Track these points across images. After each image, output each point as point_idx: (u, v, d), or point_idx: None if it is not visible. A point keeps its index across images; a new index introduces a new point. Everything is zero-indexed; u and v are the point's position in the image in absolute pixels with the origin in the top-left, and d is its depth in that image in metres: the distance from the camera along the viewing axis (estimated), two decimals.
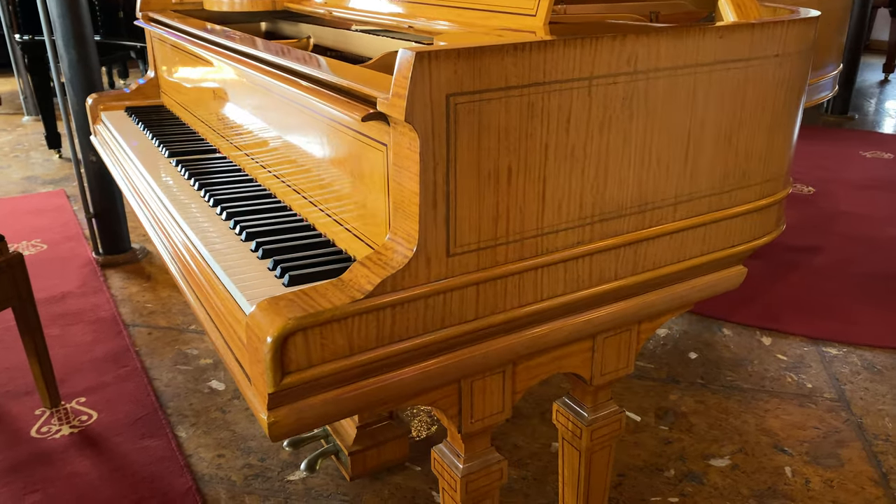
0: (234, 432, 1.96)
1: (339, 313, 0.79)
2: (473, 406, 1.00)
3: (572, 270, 0.96)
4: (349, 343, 0.82)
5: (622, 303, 1.05)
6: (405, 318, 0.85)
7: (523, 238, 0.90)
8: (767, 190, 1.12)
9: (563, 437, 1.22)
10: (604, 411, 1.17)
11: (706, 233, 1.07)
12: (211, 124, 1.63)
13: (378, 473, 1.79)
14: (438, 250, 0.84)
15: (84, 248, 3.16)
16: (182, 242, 1.16)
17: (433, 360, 0.91)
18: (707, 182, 1.04)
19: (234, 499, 1.72)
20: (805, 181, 3.96)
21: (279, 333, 0.77)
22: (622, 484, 1.76)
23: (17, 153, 4.76)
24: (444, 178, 0.81)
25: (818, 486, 1.75)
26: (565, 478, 1.25)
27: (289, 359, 0.79)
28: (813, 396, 2.10)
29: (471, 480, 1.05)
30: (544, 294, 0.95)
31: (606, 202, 0.96)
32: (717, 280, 1.14)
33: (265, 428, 0.82)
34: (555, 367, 1.06)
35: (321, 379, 0.82)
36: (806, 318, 2.51)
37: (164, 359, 2.31)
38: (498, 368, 0.99)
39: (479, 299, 0.89)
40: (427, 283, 0.85)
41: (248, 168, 1.42)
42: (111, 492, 1.74)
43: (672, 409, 2.04)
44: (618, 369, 1.13)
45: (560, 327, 1.00)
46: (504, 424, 1.98)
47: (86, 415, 2.03)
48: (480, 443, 1.06)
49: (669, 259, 1.05)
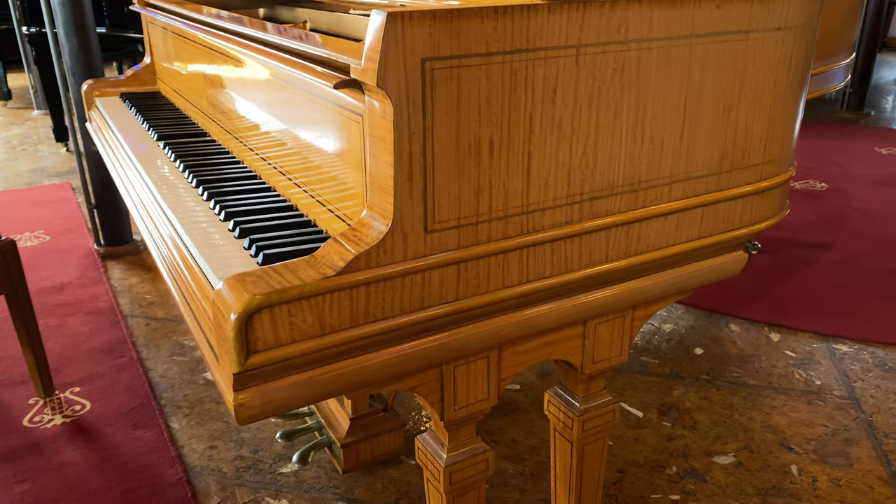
0: (227, 424, 1.93)
1: (308, 290, 0.75)
2: (456, 392, 0.95)
3: (560, 251, 0.92)
4: (320, 322, 0.78)
5: (614, 287, 1.01)
6: (380, 297, 0.81)
7: (507, 216, 0.86)
8: (769, 171, 1.07)
9: (554, 429, 1.18)
10: (596, 401, 1.13)
11: (703, 215, 1.03)
12: (202, 108, 1.60)
13: (372, 467, 1.76)
14: (416, 226, 0.80)
15: (86, 239, 3.15)
16: (159, 219, 1.12)
17: (412, 342, 0.87)
18: (704, 161, 0.99)
19: (224, 490, 1.69)
20: (818, 177, 3.88)
21: (244, 310, 0.73)
22: (622, 480, 1.71)
23: (26, 146, 4.76)
24: (420, 149, 0.77)
25: (825, 486, 1.70)
26: (557, 471, 1.20)
27: (255, 337, 0.75)
28: (822, 394, 2.04)
29: (455, 471, 1.01)
30: (530, 276, 0.91)
31: (596, 180, 0.91)
32: (715, 265, 1.10)
33: (231, 410, 0.78)
34: (544, 353, 1.02)
35: (291, 360, 0.78)
36: (816, 314, 2.45)
37: (160, 350, 2.29)
38: (482, 353, 0.95)
39: (461, 279, 0.85)
40: (404, 261, 0.81)
41: (236, 151, 1.39)
42: (100, 482, 1.71)
43: (675, 405, 1.99)
44: (611, 357, 1.08)
45: (548, 311, 0.96)
46: (501, 419, 1.93)
47: (79, 404, 2.01)
48: (465, 432, 1.02)
49: (664, 242, 1.00)
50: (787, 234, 3.13)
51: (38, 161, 4.41)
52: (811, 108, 5.53)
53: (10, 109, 5.92)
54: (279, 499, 1.66)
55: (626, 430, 1.89)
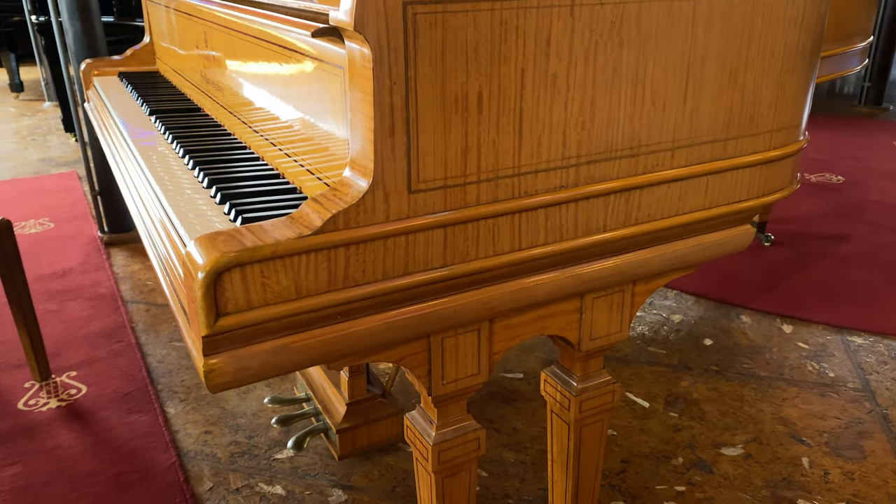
0: (223, 409, 1.89)
1: (282, 249, 0.71)
2: (445, 366, 0.91)
3: (555, 218, 0.87)
4: (296, 285, 0.74)
5: (613, 259, 0.96)
6: (361, 260, 0.76)
7: (498, 177, 0.81)
8: (778, 140, 1.01)
9: (551, 410, 1.13)
10: (594, 381, 1.08)
11: (708, 184, 0.97)
12: (197, 83, 1.56)
13: (369, 453, 1.71)
14: (398, 185, 0.75)
15: (90, 227, 3.13)
16: (142, 186, 1.08)
17: (397, 311, 0.82)
18: (709, 126, 0.94)
19: (218, 475, 1.65)
20: (834, 170, 3.80)
21: (212, 268, 0.69)
22: (625, 471, 1.66)
23: (35, 136, 4.76)
24: (402, 101, 0.72)
25: (838, 479, 1.64)
26: (554, 455, 1.15)
27: (225, 298, 0.71)
28: (835, 386, 1.97)
29: (444, 449, 0.96)
30: (522, 243, 0.86)
31: (593, 142, 0.86)
32: (721, 239, 1.04)
33: (202, 376, 0.74)
34: (538, 327, 0.97)
35: (265, 324, 0.74)
36: (830, 305, 2.38)
37: (159, 335, 2.26)
38: (472, 325, 0.90)
39: (448, 245, 0.81)
40: (386, 223, 0.76)
41: (228, 125, 1.35)
42: (92, 466, 1.68)
43: (683, 396, 1.93)
44: (610, 335, 1.03)
45: (542, 282, 0.91)
46: (503, 407, 1.89)
47: (75, 388, 1.98)
48: (455, 409, 0.97)
49: (666, 211, 0.95)
50: (801, 226, 3.06)
51: (47, 151, 4.40)
52: (828, 103, 5.44)
53: (21, 101, 5.94)
54: (273, 485, 1.62)
55: (632, 421, 1.83)
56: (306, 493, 1.59)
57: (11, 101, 5.92)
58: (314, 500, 1.58)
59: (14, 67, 5.99)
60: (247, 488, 1.61)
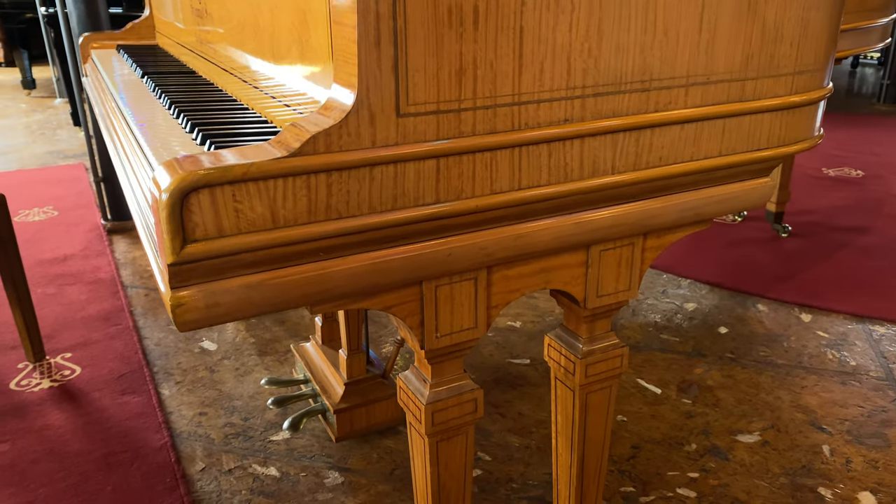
0: (219, 391, 1.83)
1: (255, 170, 0.65)
2: (439, 317, 0.84)
3: (559, 155, 0.80)
4: (272, 213, 0.67)
5: (622, 206, 0.89)
6: (345, 189, 0.70)
7: (496, 105, 0.75)
8: (801, 84, 0.94)
9: (555, 377, 1.05)
10: (601, 343, 1.00)
11: (725, 128, 0.90)
12: (192, 47, 1.51)
13: (367, 436, 1.65)
14: (385, 106, 0.69)
15: (94, 215, 3.09)
16: (120, 126, 1.03)
17: (385, 250, 0.76)
18: (725, 63, 0.87)
19: (211, 456, 1.59)
20: (853, 165, 3.71)
21: (177, 187, 0.62)
22: (636, 457, 1.58)
23: (45, 131, 4.75)
24: (389, 7, 0.66)
25: (860, 467, 1.55)
26: (559, 427, 1.08)
27: (193, 222, 0.64)
28: (857, 374, 1.89)
29: (438, 409, 0.89)
30: (523, 182, 0.79)
31: (601, 71, 0.79)
32: (737, 192, 0.97)
33: (169, 311, 0.68)
34: (540, 280, 0.90)
35: (238, 255, 0.67)
36: (851, 295, 2.29)
37: (158, 319, 2.20)
38: (468, 273, 0.84)
39: (441, 179, 0.74)
40: (372, 148, 0.70)
41: (220, 83, 1.29)
42: (81, 445, 1.62)
43: (696, 383, 1.85)
44: (618, 292, 0.96)
45: (544, 228, 0.84)
46: (509, 392, 1.81)
47: (69, 370, 1.92)
48: (450, 367, 0.90)
49: (680, 156, 0.88)
50: (820, 217, 2.97)
51: (56, 144, 4.38)
52: (847, 102, 5.34)
53: (33, 98, 5.94)
54: (267, 466, 1.56)
55: (642, 407, 1.76)
56: (301, 475, 1.53)
57: (23, 98, 5.93)
58: (309, 481, 1.51)
59: (26, 65, 6.01)
60: (240, 469, 1.55)
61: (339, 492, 1.48)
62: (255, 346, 2.04)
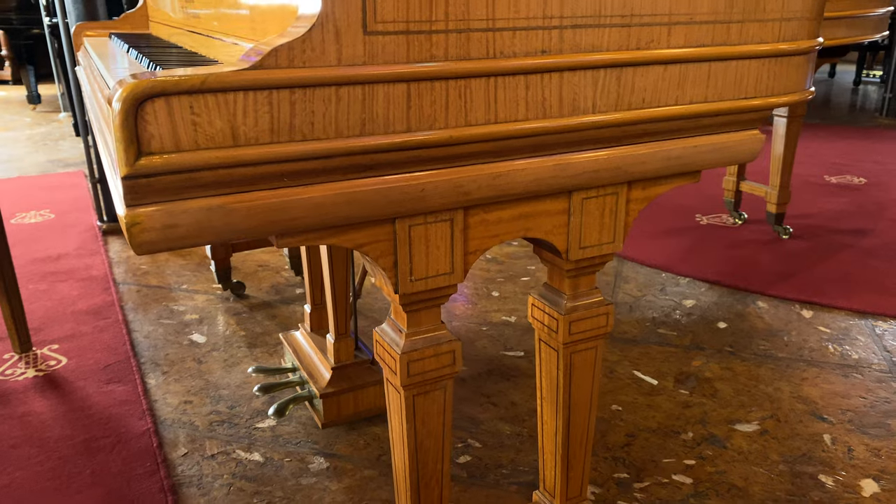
0: (206, 381, 1.79)
1: (213, 81, 0.63)
2: (413, 259, 0.81)
3: (536, 89, 0.78)
4: (232, 129, 0.65)
5: (604, 150, 0.86)
6: (309, 110, 0.67)
7: (469, 29, 0.72)
8: (788, 31, 0.92)
9: (539, 339, 1.02)
10: (585, 300, 0.97)
11: (710, 72, 0.88)
12: (181, 24, 1.50)
13: (355, 423, 1.60)
14: (351, 21, 0.67)
15: (91, 218, 3.07)
16: (97, 84, 1.01)
17: (355, 181, 0.73)
18: (709, 2, 0.85)
19: (194, 442, 1.55)
20: (855, 173, 3.68)
21: (130, 93, 0.60)
22: (630, 444, 1.54)
23: (47, 142, 4.77)
24: None
25: (863, 455, 1.50)
26: (543, 391, 1.04)
27: (148, 133, 0.62)
28: (859, 367, 1.84)
29: (414, 359, 0.86)
30: (500, 115, 0.77)
31: (579, 1, 0.77)
32: (725, 143, 0.94)
33: (125, 231, 0.65)
34: (520, 227, 0.87)
35: (197, 173, 0.65)
36: (853, 293, 2.25)
37: (148, 313, 2.17)
38: (444, 214, 0.81)
39: (412, 105, 0.72)
40: (338, 66, 0.67)
41: (202, 49, 1.28)
42: (62, 431, 1.58)
43: (694, 375, 1.81)
44: (601, 244, 0.93)
45: (523, 169, 0.81)
46: (502, 383, 1.77)
47: (55, 360, 1.89)
48: (427, 317, 0.87)
49: (664, 99, 0.86)
50: (821, 221, 2.93)
51: (57, 154, 4.39)
52: (850, 117, 5.32)
53: (38, 113, 5.98)
54: (251, 451, 1.52)
55: (638, 397, 1.71)
56: (286, 461, 1.49)
57: (28, 113, 5.96)
58: (293, 466, 1.47)
59: (32, 81, 6.05)
60: (223, 454, 1.51)
61: (323, 476, 1.44)
62: (244, 338, 2.01)
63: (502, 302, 2.22)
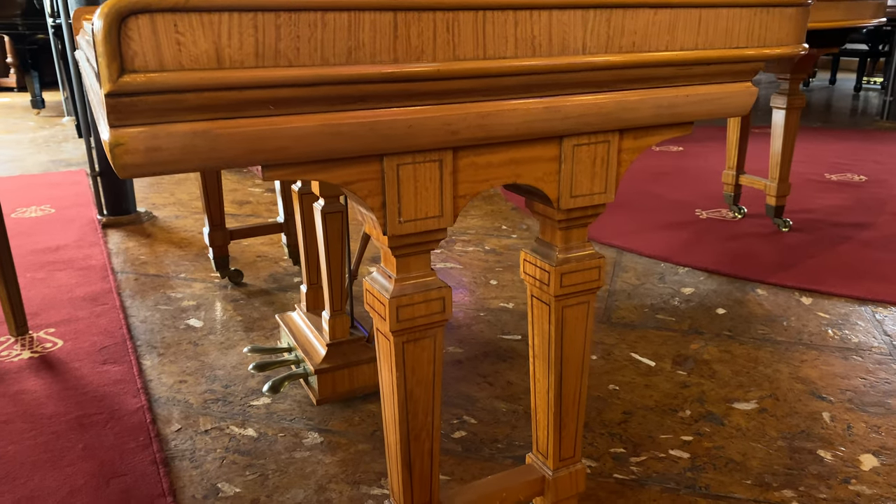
0: (202, 362, 1.79)
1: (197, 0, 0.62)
2: (402, 199, 0.81)
3: (525, 26, 0.77)
4: (217, 51, 0.65)
5: (595, 95, 0.86)
6: (294, 35, 0.67)
7: None
8: None
9: (531, 294, 1.01)
10: (577, 252, 0.96)
11: (701, 19, 0.88)
12: None
13: (350, 400, 1.59)
14: None
15: (91, 212, 3.08)
16: None
17: (341, 113, 0.73)
18: None
19: (188, 419, 1.54)
20: (856, 171, 3.67)
21: (112, 6, 0.60)
22: (627, 421, 1.52)
23: (50, 144, 4.78)
24: None
25: (862, 431, 1.48)
26: (535, 348, 1.03)
27: (132, 50, 0.62)
28: (859, 350, 1.82)
29: (403, 305, 0.85)
30: (488, 51, 0.76)
31: None
32: (717, 94, 0.94)
33: (108, 153, 0.65)
34: (510, 173, 0.86)
35: (182, 94, 0.64)
36: (852, 281, 2.24)
37: (145, 300, 2.17)
38: (433, 154, 0.81)
39: (399, 36, 0.71)
40: None
41: None
42: (55, 408, 1.57)
43: (693, 357, 1.80)
44: (593, 193, 0.92)
45: (513, 109, 0.81)
46: (499, 364, 1.76)
47: (50, 342, 1.89)
48: (416, 262, 0.86)
49: (654, 43, 0.86)
50: (821, 215, 2.92)
51: (60, 154, 4.41)
52: (849, 118, 5.32)
53: (42, 117, 6.00)
54: (245, 427, 1.51)
55: (636, 378, 1.70)
56: (279, 436, 1.48)
57: (32, 117, 5.99)
58: (287, 441, 1.46)
59: (36, 86, 6.08)
60: (216, 430, 1.50)
61: (317, 450, 1.43)
62: (241, 323, 2.01)
63: (500, 290, 2.21)
